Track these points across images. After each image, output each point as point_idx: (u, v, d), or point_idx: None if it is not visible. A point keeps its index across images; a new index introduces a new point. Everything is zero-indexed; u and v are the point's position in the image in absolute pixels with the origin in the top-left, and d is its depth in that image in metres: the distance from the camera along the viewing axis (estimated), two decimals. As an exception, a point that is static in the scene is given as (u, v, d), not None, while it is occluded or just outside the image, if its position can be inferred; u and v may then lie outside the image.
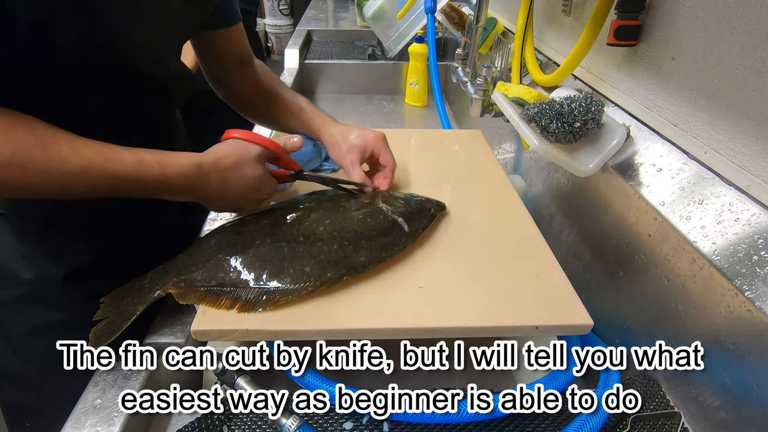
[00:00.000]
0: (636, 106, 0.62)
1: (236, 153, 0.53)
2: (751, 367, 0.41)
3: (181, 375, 0.54)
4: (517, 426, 0.47)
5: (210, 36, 0.69)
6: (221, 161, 0.52)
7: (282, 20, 3.82)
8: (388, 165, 0.67)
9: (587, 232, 0.68)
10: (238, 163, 0.53)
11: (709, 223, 0.47)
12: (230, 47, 0.71)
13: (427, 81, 1.43)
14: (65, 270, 0.61)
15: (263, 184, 0.56)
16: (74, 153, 0.44)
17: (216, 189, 0.53)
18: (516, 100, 0.71)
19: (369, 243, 0.54)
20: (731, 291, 0.42)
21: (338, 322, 0.47)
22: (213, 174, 0.51)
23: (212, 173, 0.51)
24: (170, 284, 0.51)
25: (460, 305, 0.50)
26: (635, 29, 0.60)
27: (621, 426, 0.47)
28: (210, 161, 0.51)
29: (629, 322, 0.58)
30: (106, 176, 0.45)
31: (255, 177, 0.55)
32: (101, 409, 0.45)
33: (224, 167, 0.52)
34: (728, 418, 0.43)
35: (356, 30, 1.86)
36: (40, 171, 0.43)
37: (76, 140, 0.45)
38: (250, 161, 0.54)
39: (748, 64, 0.46)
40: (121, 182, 0.46)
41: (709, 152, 0.50)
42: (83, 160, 0.44)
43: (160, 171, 0.48)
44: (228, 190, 0.53)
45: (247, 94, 0.74)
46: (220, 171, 0.52)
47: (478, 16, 0.98)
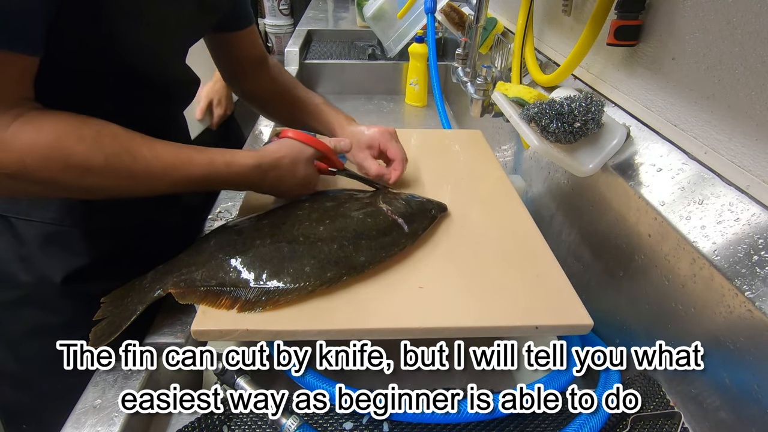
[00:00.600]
0: (636, 106, 0.62)
1: (292, 154, 0.58)
2: (751, 367, 0.41)
3: (181, 375, 0.54)
4: (517, 426, 0.47)
5: (224, 38, 0.71)
6: (279, 161, 0.57)
7: (282, 20, 3.82)
8: (396, 158, 0.69)
9: (587, 232, 0.68)
10: (294, 163, 0.58)
11: (709, 223, 0.47)
12: (244, 49, 0.73)
13: (427, 81, 1.43)
14: (64, 272, 0.60)
15: (311, 182, 0.62)
16: (155, 156, 0.47)
17: (271, 184, 0.58)
18: (516, 100, 0.71)
19: (369, 243, 0.54)
20: (731, 291, 0.42)
21: (338, 322, 0.47)
22: (271, 172, 0.56)
23: (270, 171, 0.56)
24: (170, 284, 0.51)
25: (460, 305, 0.50)
26: (635, 29, 0.60)
27: (621, 426, 0.47)
28: (269, 162, 0.56)
29: (629, 322, 0.58)
30: (183, 177, 0.49)
31: (306, 176, 0.60)
32: (101, 409, 0.45)
33: (281, 167, 0.57)
34: (728, 418, 0.43)
35: (356, 30, 1.86)
36: (130, 175, 0.46)
37: (153, 143, 0.48)
38: (303, 161, 0.59)
39: (748, 64, 0.46)
40: (195, 181, 0.51)
41: (709, 152, 0.50)
42: (163, 163, 0.48)
43: (227, 171, 0.53)
44: (281, 185, 0.59)
45: (263, 93, 0.77)
46: (277, 170, 0.57)
47: (478, 16, 0.98)
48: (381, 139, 0.69)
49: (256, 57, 0.75)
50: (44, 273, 0.60)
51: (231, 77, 0.78)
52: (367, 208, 0.60)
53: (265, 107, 0.80)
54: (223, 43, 0.72)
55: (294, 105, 0.76)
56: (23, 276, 0.60)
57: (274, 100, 0.77)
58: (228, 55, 0.74)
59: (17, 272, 0.60)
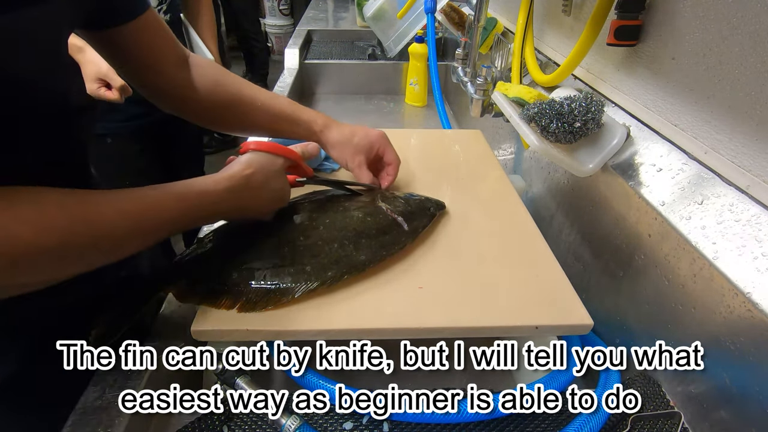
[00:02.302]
0: (636, 106, 0.62)
1: (263, 168, 0.52)
2: (751, 367, 0.41)
3: (181, 375, 0.54)
4: (517, 426, 0.47)
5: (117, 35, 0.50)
6: (250, 179, 0.50)
7: (282, 20, 3.83)
8: (392, 163, 0.67)
9: (587, 232, 0.68)
10: (267, 178, 0.52)
11: (710, 223, 0.47)
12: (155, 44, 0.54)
13: (427, 81, 1.43)
14: None
15: (285, 195, 0.56)
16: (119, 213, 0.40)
17: (245, 206, 0.51)
18: (516, 100, 0.71)
19: (369, 242, 0.54)
20: (731, 291, 0.42)
21: (338, 322, 0.47)
22: (244, 192, 0.50)
23: (243, 191, 0.50)
24: (170, 284, 0.51)
25: (460, 305, 0.50)
26: (635, 29, 0.60)
27: (621, 426, 0.47)
28: (240, 182, 0.50)
29: (629, 322, 0.58)
30: (154, 227, 0.42)
31: (279, 189, 0.55)
32: (101, 409, 0.45)
33: (254, 185, 0.51)
34: (728, 418, 0.43)
35: (356, 30, 1.86)
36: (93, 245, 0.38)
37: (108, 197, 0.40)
38: (275, 174, 0.54)
39: (748, 64, 0.46)
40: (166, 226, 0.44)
41: (709, 152, 0.50)
42: (129, 219, 0.40)
43: (199, 203, 0.46)
44: (256, 204, 0.53)
45: (205, 102, 0.59)
46: (251, 189, 0.51)
47: (478, 16, 0.98)
48: (379, 143, 0.66)
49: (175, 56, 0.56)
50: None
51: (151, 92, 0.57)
52: (367, 207, 0.60)
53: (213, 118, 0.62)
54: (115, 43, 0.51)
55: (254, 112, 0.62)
56: None
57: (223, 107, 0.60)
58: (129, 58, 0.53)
59: None
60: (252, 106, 0.62)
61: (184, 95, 0.59)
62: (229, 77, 0.62)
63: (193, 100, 0.59)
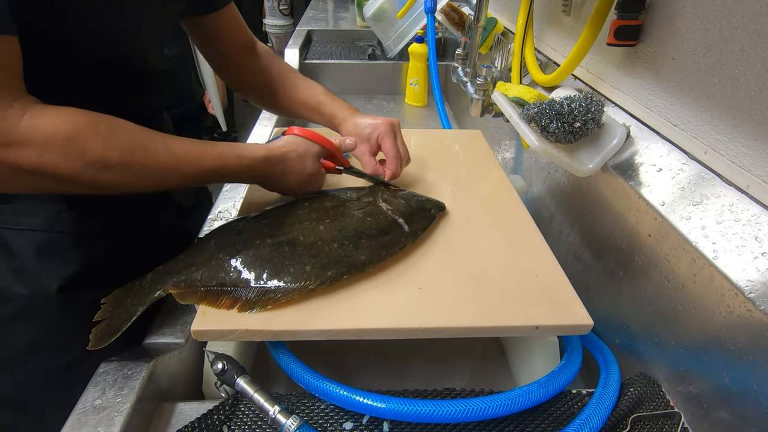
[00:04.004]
0: (636, 106, 0.62)
1: (299, 149, 0.59)
2: (751, 367, 0.41)
3: (181, 375, 0.54)
4: (517, 426, 0.47)
5: (200, 23, 0.67)
6: (286, 155, 0.58)
7: (282, 20, 3.82)
8: (389, 155, 0.66)
9: (587, 232, 0.68)
10: (301, 158, 0.59)
11: (710, 223, 0.47)
12: (226, 34, 0.69)
13: (427, 81, 1.43)
14: (59, 281, 0.57)
15: (316, 179, 0.62)
16: (168, 151, 0.48)
17: (277, 178, 0.59)
18: (516, 100, 0.71)
19: (369, 242, 0.54)
20: (731, 291, 0.42)
21: (338, 322, 0.47)
22: (278, 165, 0.57)
23: (277, 164, 0.57)
24: (170, 284, 0.51)
25: (460, 305, 0.50)
26: (635, 29, 0.60)
27: (621, 426, 0.47)
28: (277, 155, 0.57)
29: (629, 322, 0.58)
30: (194, 170, 0.50)
31: (311, 173, 0.60)
32: (101, 409, 0.45)
33: (288, 160, 0.58)
34: (728, 418, 0.43)
35: (356, 30, 1.86)
36: (142, 170, 0.47)
37: (166, 139, 0.49)
38: (310, 158, 0.59)
39: (748, 64, 0.46)
40: (205, 174, 0.51)
41: (709, 152, 0.50)
42: (176, 157, 0.49)
43: (238, 163, 0.54)
44: (285, 180, 0.59)
45: (256, 82, 0.74)
46: (284, 163, 0.58)
47: (478, 16, 0.98)
48: (376, 133, 0.66)
49: (241, 43, 0.71)
50: (39, 284, 0.57)
51: (219, 68, 0.74)
52: (367, 208, 0.60)
53: (258, 97, 0.76)
54: (200, 29, 0.68)
55: (291, 96, 0.73)
56: (16, 288, 0.56)
57: (268, 89, 0.74)
58: (208, 42, 0.70)
59: (9, 285, 0.56)
60: (289, 92, 0.74)
61: (244, 78, 0.74)
62: (278, 63, 0.75)
63: (247, 83, 0.74)
